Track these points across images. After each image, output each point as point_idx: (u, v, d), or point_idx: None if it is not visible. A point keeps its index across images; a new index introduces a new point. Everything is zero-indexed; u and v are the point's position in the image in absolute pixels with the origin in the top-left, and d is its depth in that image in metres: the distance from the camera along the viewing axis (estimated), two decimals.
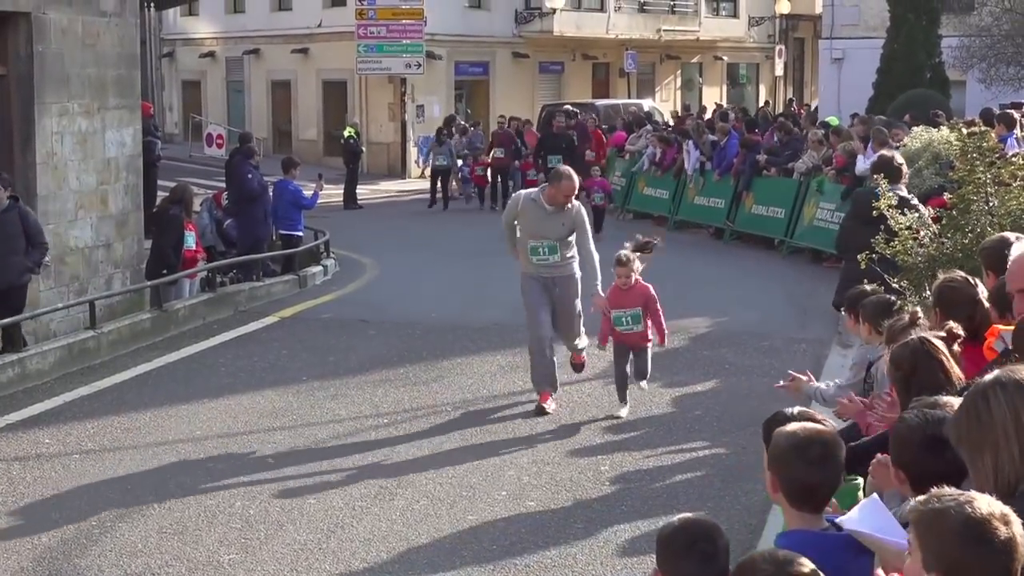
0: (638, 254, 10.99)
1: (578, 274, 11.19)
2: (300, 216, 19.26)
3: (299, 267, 18.38)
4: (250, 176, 18.00)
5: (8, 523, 8.57)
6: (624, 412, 11.06)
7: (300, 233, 19.16)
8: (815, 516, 4.05)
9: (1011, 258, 5.31)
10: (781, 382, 7.53)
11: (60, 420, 11.10)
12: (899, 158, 11.48)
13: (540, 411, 11.07)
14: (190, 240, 16.14)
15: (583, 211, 11.15)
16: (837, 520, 4.00)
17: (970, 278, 6.19)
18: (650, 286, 11.01)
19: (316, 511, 8.76)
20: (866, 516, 3.92)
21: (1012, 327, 5.13)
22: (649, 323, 11.02)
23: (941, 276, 6.35)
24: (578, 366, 11.77)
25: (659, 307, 10.99)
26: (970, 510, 2.95)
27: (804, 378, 7.37)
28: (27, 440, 10.49)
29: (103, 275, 14.79)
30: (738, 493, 9.06)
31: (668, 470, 9.69)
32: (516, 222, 11.22)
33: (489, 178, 29.67)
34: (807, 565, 3.51)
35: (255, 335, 14.77)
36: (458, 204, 29.48)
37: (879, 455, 4.38)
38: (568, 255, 11.07)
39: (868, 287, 7.83)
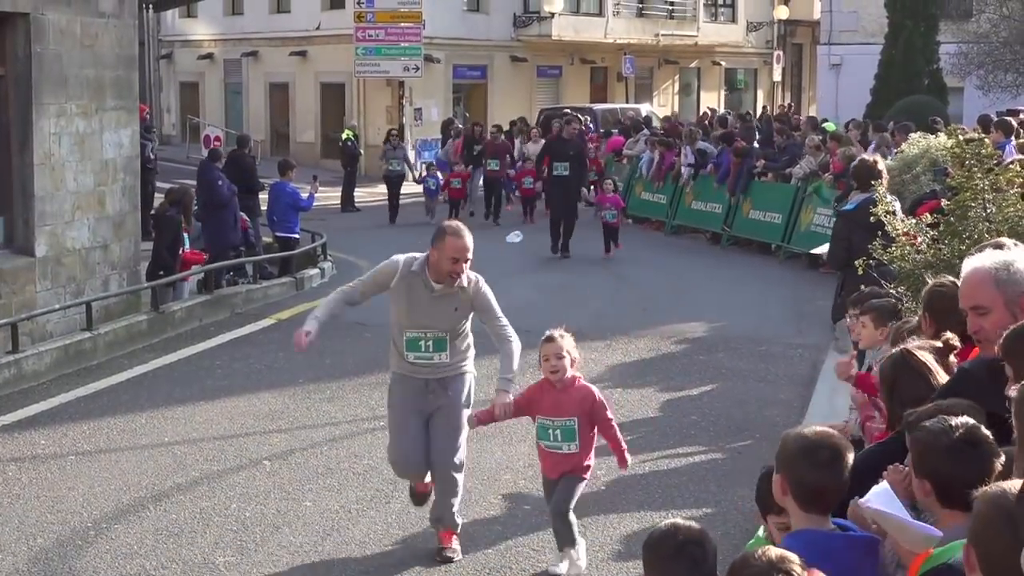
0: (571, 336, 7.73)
1: (470, 375, 8.21)
2: (297, 218, 19.28)
3: (296, 269, 18.38)
4: (220, 182, 17.76)
5: (3, 524, 8.56)
6: (562, 569, 7.67)
7: (297, 235, 19.17)
8: (823, 518, 4.08)
9: (961, 275, 5.08)
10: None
11: (56, 421, 11.09)
12: (881, 163, 11.48)
13: (442, 557, 7.94)
14: (188, 242, 16.16)
15: (484, 289, 7.89)
16: (860, 501, 4.03)
17: (958, 282, 6.20)
18: (595, 388, 7.80)
19: (312, 514, 8.76)
20: (884, 501, 3.92)
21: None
22: (593, 440, 7.78)
23: (930, 282, 6.35)
24: (420, 497, 8.35)
25: (611, 416, 7.78)
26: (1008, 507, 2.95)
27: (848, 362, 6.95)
28: (23, 441, 10.48)
29: (100, 276, 14.77)
30: (734, 498, 9.06)
31: (664, 474, 9.69)
32: (390, 297, 8.00)
33: (475, 192, 27.84)
34: (798, 562, 3.53)
35: (251, 337, 14.77)
36: (418, 216, 26.30)
37: (891, 466, 4.31)
38: (463, 349, 8.07)
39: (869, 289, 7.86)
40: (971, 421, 3.95)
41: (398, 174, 28.00)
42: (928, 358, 5.08)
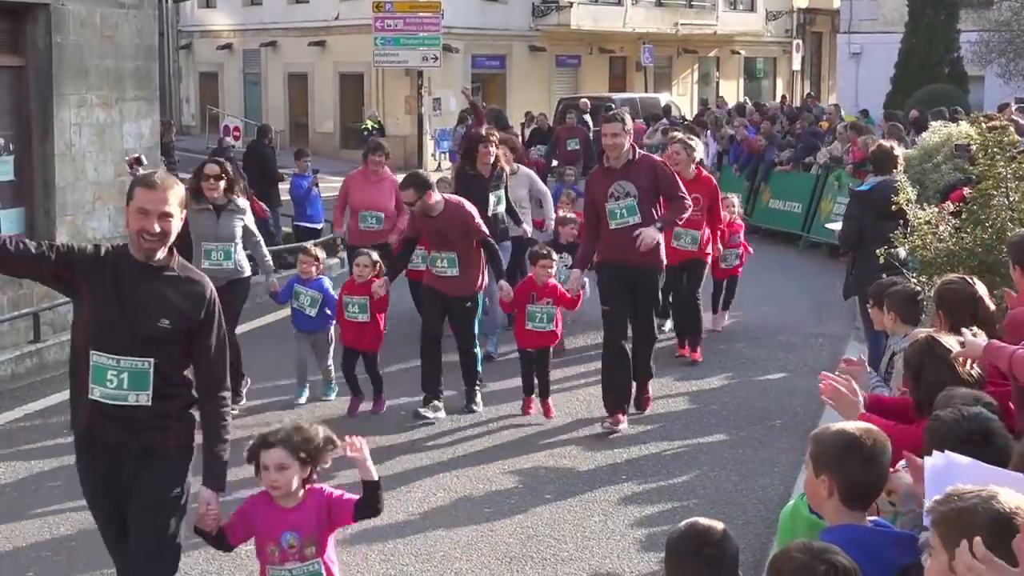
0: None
1: None
2: (318, 209, 19.23)
3: None
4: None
5: (27, 513, 8.60)
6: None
7: (319, 226, 19.15)
8: (862, 515, 4.06)
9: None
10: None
11: None
12: (897, 149, 11.45)
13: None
14: None
15: None
16: (933, 459, 3.78)
17: (968, 277, 6.23)
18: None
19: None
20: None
21: None
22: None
23: (937, 280, 6.40)
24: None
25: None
26: (997, 505, 2.91)
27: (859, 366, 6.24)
28: (46, 430, 10.52)
29: None
30: (754, 487, 9.05)
31: (685, 464, 9.67)
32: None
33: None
34: (842, 555, 3.51)
35: (272, 326, 14.77)
36: None
37: (907, 454, 4.32)
38: None
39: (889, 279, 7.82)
40: (984, 412, 3.93)
41: None
42: (954, 344, 5.10)
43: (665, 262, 10.41)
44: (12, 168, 13.34)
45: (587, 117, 28.93)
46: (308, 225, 19.11)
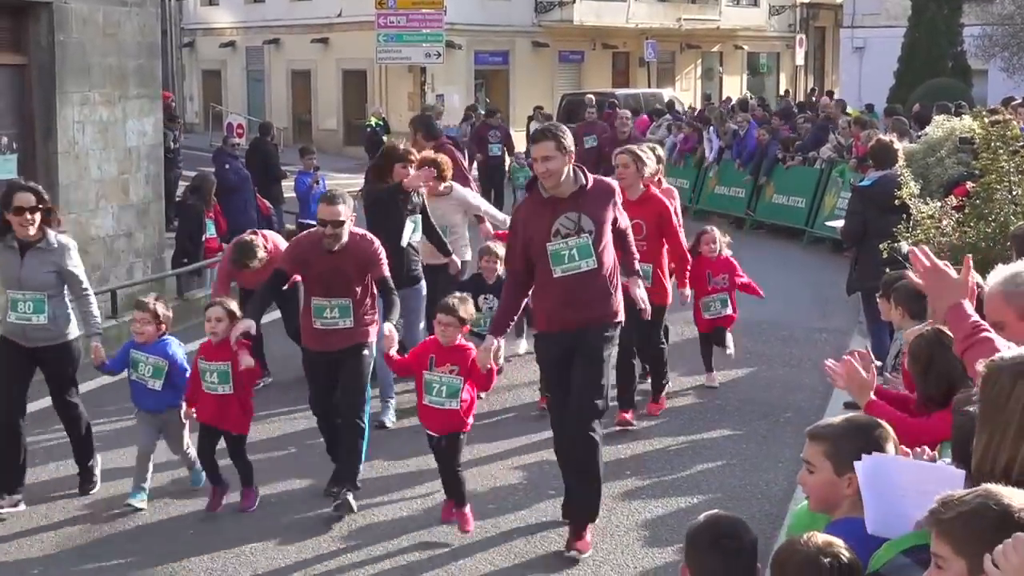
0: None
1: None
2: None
3: None
4: (227, 167, 18.12)
5: (37, 507, 8.62)
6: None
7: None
8: None
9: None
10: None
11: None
12: (897, 143, 11.45)
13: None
14: (212, 229, 16.18)
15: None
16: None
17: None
18: None
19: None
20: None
21: None
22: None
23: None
24: None
25: None
26: (1000, 504, 2.89)
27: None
28: (50, 430, 10.52)
29: (124, 264, 14.83)
30: (759, 483, 9.05)
31: (689, 460, 9.67)
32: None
33: None
34: (846, 548, 3.52)
35: (277, 324, 14.76)
36: None
37: (921, 449, 4.29)
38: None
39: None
40: None
41: None
42: None
43: (622, 317, 7.91)
44: (16, 166, 13.36)
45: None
46: (312, 223, 19.10)
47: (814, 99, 34.38)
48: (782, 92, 46.84)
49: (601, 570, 7.55)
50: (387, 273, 8.51)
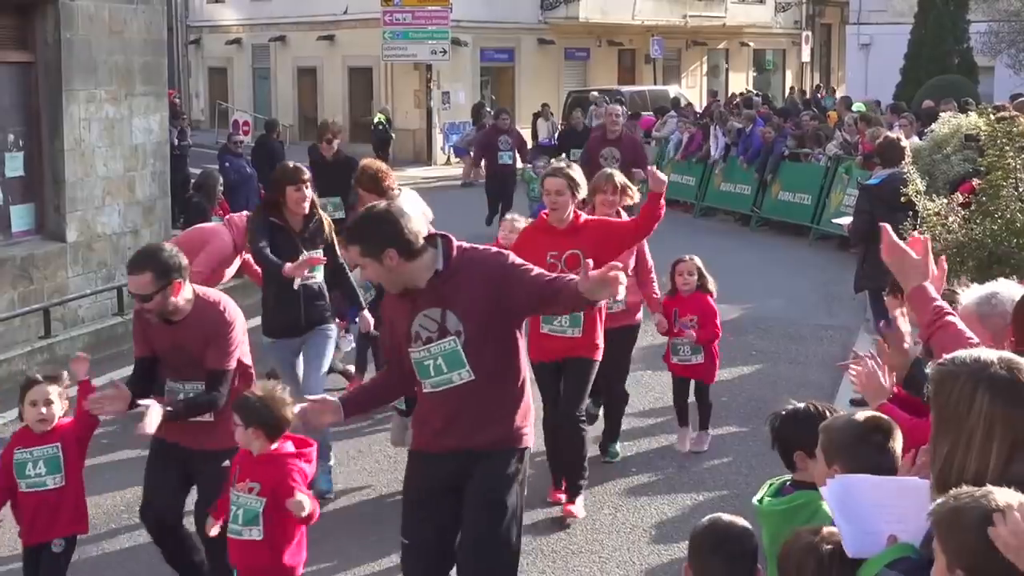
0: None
1: None
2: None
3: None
4: (227, 164, 18.99)
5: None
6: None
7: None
8: None
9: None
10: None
11: None
12: (904, 141, 11.45)
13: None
14: None
15: None
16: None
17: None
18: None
19: (345, 505, 8.78)
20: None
21: None
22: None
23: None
24: None
25: None
26: (987, 502, 2.91)
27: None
28: None
29: None
30: (764, 479, 8.99)
31: (695, 457, 9.67)
32: None
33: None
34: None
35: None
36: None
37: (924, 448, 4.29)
38: None
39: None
40: None
41: None
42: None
43: (530, 442, 5.75)
44: (22, 164, 13.39)
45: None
46: None
47: (819, 96, 34.39)
48: (788, 89, 46.78)
49: (607, 567, 7.55)
50: (223, 364, 6.48)
